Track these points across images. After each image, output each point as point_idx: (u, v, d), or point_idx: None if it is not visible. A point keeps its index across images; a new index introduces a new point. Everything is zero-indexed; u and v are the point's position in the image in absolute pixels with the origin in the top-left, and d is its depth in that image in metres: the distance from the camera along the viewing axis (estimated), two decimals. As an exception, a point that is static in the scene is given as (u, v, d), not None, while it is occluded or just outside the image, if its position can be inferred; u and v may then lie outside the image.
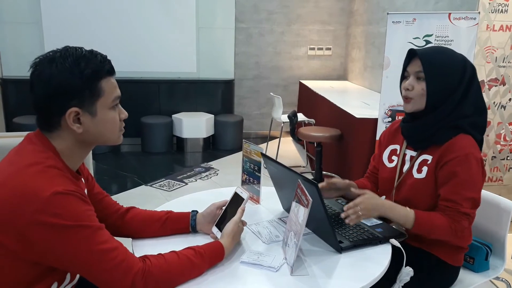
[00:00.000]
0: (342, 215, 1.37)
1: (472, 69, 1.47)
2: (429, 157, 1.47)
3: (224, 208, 1.38)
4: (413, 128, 1.52)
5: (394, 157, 1.61)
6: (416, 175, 1.50)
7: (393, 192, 1.58)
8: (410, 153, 1.55)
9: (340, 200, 1.65)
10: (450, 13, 3.05)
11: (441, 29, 3.08)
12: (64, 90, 1.04)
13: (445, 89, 1.43)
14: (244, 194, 1.34)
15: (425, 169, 1.47)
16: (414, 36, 3.21)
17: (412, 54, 1.49)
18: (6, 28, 5.05)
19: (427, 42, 3.16)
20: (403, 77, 1.53)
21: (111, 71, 1.11)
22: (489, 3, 3.15)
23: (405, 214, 1.42)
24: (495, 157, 3.40)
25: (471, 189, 1.40)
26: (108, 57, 1.12)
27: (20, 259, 1.00)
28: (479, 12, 3.02)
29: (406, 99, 1.50)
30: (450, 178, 1.40)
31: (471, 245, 1.60)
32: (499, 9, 3.18)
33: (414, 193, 1.50)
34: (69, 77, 1.03)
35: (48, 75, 1.03)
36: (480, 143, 1.47)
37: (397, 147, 1.62)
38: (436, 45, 3.14)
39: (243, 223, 1.33)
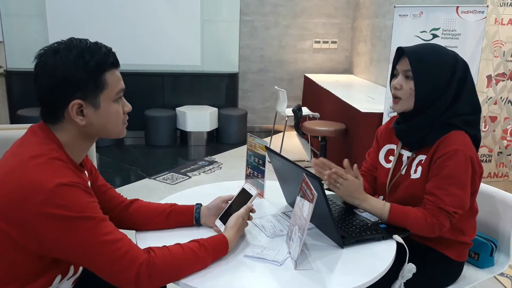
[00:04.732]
0: (326, 172, 1.43)
1: (464, 67, 1.42)
2: (424, 157, 1.45)
3: (229, 202, 1.37)
4: (406, 130, 1.49)
5: (391, 157, 1.58)
6: (412, 175, 1.47)
7: (386, 193, 1.57)
8: (406, 153, 1.52)
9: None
10: (458, 7, 3.02)
11: (449, 23, 3.05)
12: (67, 82, 1.03)
13: (435, 89, 1.40)
14: (252, 190, 1.33)
15: (419, 169, 1.45)
16: (421, 30, 3.18)
17: (401, 52, 1.45)
18: (11, 21, 5.05)
19: (434, 36, 3.13)
20: (393, 75, 1.49)
21: (115, 63, 1.10)
22: (498, -4, 3.11)
23: (380, 207, 1.41)
24: (501, 152, 3.38)
25: (456, 185, 1.36)
26: (112, 50, 1.11)
27: (25, 251, 1.00)
28: (487, 6, 2.98)
29: (394, 98, 1.47)
30: (437, 173, 1.38)
31: (476, 240, 1.59)
32: (508, 3, 3.14)
33: (410, 194, 1.47)
34: (73, 69, 1.03)
35: (52, 66, 1.03)
36: (476, 140, 1.44)
37: (394, 147, 1.58)
38: (428, 42, 3.10)
39: (249, 218, 1.32)
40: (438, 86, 1.40)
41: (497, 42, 3.18)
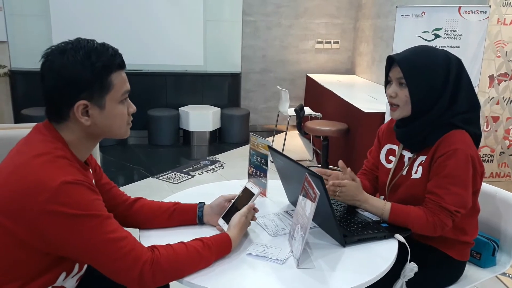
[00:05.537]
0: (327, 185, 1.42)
1: (458, 65, 1.40)
2: (425, 157, 1.45)
3: (232, 201, 1.38)
4: (407, 133, 1.48)
5: (392, 158, 1.58)
6: (413, 175, 1.47)
7: (386, 193, 1.57)
8: (407, 154, 1.52)
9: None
10: (460, 7, 3.02)
11: (451, 23, 3.05)
12: (74, 82, 1.04)
13: (431, 92, 1.39)
14: (254, 189, 1.34)
15: (420, 168, 1.45)
16: (423, 30, 3.18)
17: (391, 60, 1.44)
18: (15, 20, 5.07)
19: (436, 36, 3.13)
20: (387, 82, 1.49)
21: (122, 65, 1.10)
22: (500, -4, 3.11)
23: (381, 207, 1.42)
24: (503, 152, 3.38)
25: (457, 184, 1.36)
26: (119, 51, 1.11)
27: (30, 249, 1.01)
28: (490, 6, 2.98)
29: (392, 106, 1.46)
30: (438, 173, 1.38)
31: (478, 240, 1.59)
32: (510, 3, 3.13)
33: (410, 194, 1.47)
34: (79, 70, 1.03)
35: (58, 66, 1.04)
36: (476, 137, 1.43)
37: (395, 147, 1.58)
38: (420, 44, 3.09)
39: (253, 218, 1.33)
40: (433, 89, 1.39)
41: (499, 42, 3.18)
